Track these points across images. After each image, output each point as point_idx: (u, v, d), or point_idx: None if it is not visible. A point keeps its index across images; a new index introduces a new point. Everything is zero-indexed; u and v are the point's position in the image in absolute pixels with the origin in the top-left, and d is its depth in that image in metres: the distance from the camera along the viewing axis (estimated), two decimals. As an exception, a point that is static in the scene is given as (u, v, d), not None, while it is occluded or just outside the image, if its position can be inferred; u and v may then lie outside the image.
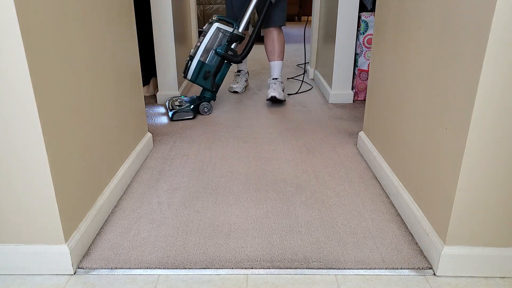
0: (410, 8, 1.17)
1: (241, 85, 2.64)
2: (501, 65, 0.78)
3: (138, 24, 1.54)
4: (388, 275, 0.97)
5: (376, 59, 1.51)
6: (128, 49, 1.41)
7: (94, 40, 1.11)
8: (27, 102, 0.81)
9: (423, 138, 1.07)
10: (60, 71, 0.92)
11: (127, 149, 1.41)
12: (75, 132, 0.99)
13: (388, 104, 1.35)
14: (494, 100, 0.81)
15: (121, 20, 1.33)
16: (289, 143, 1.76)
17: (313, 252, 1.03)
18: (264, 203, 1.27)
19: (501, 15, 0.75)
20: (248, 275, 0.96)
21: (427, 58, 1.05)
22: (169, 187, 1.37)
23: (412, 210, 1.11)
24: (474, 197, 0.89)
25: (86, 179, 1.06)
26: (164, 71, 2.35)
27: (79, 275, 0.97)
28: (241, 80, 2.66)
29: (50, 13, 0.88)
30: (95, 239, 1.08)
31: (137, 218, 1.18)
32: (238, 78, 2.67)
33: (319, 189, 1.36)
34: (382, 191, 1.35)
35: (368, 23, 2.25)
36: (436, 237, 0.97)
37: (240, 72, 2.68)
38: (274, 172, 1.49)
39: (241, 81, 2.65)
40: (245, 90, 2.68)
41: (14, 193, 0.89)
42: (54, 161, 0.89)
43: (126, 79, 1.39)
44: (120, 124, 1.33)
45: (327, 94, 2.46)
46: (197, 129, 1.94)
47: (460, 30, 0.88)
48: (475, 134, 0.84)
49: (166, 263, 0.99)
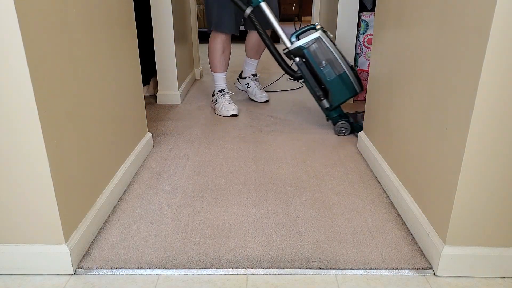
0: (410, 8, 1.17)
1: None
2: (501, 65, 0.78)
3: (138, 24, 1.54)
4: (388, 275, 0.97)
5: (376, 59, 1.51)
6: (128, 49, 1.41)
7: (94, 40, 1.11)
8: (27, 102, 0.81)
9: (423, 138, 1.07)
10: (60, 71, 0.92)
11: (127, 149, 1.41)
12: (75, 132, 0.99)
13: (388, 104, 1.35)
14: (494, 100, 0.81)
15: (121, 20, 1.33)
16: (289, 143, 1.76)
17: (313, 252, 1.03)
18: (264, 203, 1.27)
19: (501, 15, 0.75)
20: (248, 275, 0.96)
21: (427, 58, 1.05)
22: (169, 187, 1.37)
23: (412, 210, 1.11)
24: (474, 197, 0.89)
25: (86, 179, 1.06)
26: (164, 71, 2.34)
27: (79, 275, 0.97)
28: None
29: (50, 13, 0.88)
30: (95, 239, 1.08)
31: (137, 218, 1.18)
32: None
33: (319, 189, 1.36)
34: (382, 191, 1.35)
35: (368, 23, 2.25)
36: (436, 237, 0.97)
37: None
38: (274, 172, 1.48)
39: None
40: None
41: (14, 193, 0.89)
42: (54, 161, 0.89)
43: (126, 79, 1.39)
44: (120, 124, 1.33)
45: (327, 94, 2.46)
46: (197, 129, 1.94)
47: (460, 30, 0.88)
48: (475, 134, 0.84)
49: (166, 263, 0.99)
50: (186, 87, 2.63)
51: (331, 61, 1.82)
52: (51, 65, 0.88)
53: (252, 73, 2.43)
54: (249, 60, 2.40)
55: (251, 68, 2.42)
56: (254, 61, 2.40)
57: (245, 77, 2.46)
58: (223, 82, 2.24)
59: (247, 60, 2.41)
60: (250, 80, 2.44)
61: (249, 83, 2.44)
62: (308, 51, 1.81)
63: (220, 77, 2.23)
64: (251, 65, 2.41)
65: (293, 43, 1.83)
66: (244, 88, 2.50)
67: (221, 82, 2.24)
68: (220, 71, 2.22)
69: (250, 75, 2.44)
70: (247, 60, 2.41)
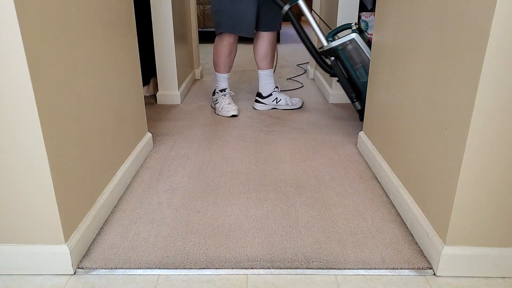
0: (410, 8, 1.17)
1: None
2: (501, 65, 0.78)
3: (138, 24, 1.54)
4: (388, 275, 0.97)
5: (376, 59, 1.51)
6: (128, 49, 1.41)
7: (94, 40, 1.11)
8: (27, 102, 0.81)
9: (423, 138, 1.07)
10: (60, 71, 0.92)
11: (127, 149, 1.41)
12: (75, 132, 0.99)
13: (388, 104, 1.35)
14: (494, 100, 0.81)
15: (121, 20, 1.33)
16: (289, 143, 1.76)
17: (313, 252, 1.03)
18: (264, 203, 1.27)
19: (501, 15, 0.75)
20: (248, 275, 0.96)
21: (427, 58, 1.05)
22: (169, 187, 1.37)
23: (412, 210, 1.11)
24: (474, 197, 0.89)
25: (86, 179, 1.06)
26: (164, 71, 2.34)
27: (79, 275, 0.97)
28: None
29: (50, 13, 0.88)
30: (95, 239, 1.08)
31: (137, 218, 1.18)
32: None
33: (319, 189, 1.36)
34: (382, 191, 1.35)
35: (368, 23, 2.25)
36: (436, 237, 0.97)
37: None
38: (274, 172, 1.48)
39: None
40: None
41: (14, 193, 0.89)
42: (54, 161, 0.89)
43: (126, 79, 1.39)
44: (120, 124, 1.33)
45: (327, 94, 2.46)
46: (197, 129, 1.94)
47: (460, 29, 0.88)
48: (475, 134, 0.84)
49: (166, 263, 0.99)
50: (186, 87, 2.63)
51: (365, 63, 1.80)
52: (51, 65, 0.88)
53: (275, 86, 2.24)
54: (265, 72, 2.20)
55: (271, 80, 2.21)
56: (271, 72, 2.20)
57: (270, 94, 2.23)
58: (225, 83, 2.20)
59: (264, 73, 2.20)
60: (278, 93, 2.24)
61: (278, 97, 2.24)
62: (343, 52, 1.80)
63: (223, 78, 2.18)
64: (270, 76, 2.20)
65: (329, 42, 1.81)
66: (273, 105, 2.25)
67: (223, 82, 2.19)
68: (224, 72, 2.17)
69: (274, 89, 2.23)
70: (264, 73, 2.20)
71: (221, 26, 2.02)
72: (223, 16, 1.99)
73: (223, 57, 2.12)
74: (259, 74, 2.23)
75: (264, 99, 2.23)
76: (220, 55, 2.12)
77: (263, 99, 2.25)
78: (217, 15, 2.02)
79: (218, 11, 2.00)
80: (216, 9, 2.02)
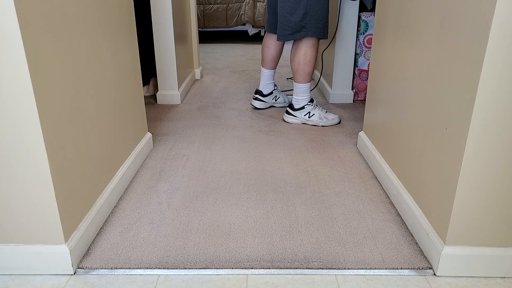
0: (410, 7, 1.17)
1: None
2: (501, 65, 0.78)
3: (138, 24, 1.54)
4: (388, 275, 0.97)
5: (376, 59, 1.51)
6: (128, 49, 1.41)
7: (94, 40, 1.11)
8: (27, 102, 0.81)
9: (423, 138, 1.07)
10: (60, 71, 0.92)
11: (127, 149, 1.41)
12: (75, 132, 0.99)
13: (388, 104, 1.35)
14: (494, 100, 0.81)
15: (121, 20, 1.33)
16: (289, 143, 1.76)
17: (313, 252, 1.03)
18: (264, 203, 1.27)
19: (501, 15, 0.75)
20: (248, 275, 0.96)
21: (427, 57, 1.05)
22: (169, 187, 1.37)
23: (412, 210, 1.11)
24: (474, 197, 0.89)
25: (86, 179, 1.06)
26: (164, 71, 2.35)
27: (79, 275, 0.97)
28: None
29: (50, 13, 0.88)
30: (95, 239, 1.08)
31: (137, 218, 1.18)
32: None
33: (319, 189, 1.36)
34: (382, 191, 1.35)
35: (368, 23, 2.25)
36: (436, 237, 0.97)
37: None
38: (274, 172, 1.49)
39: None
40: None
41: (14, 193, 0.89)
42: (54, 161, 0.89)
43: (126, 79, 1.39)
44: (120, 124, 1.33)
45: (327, 94, 2.46)
46: (197, 129, 1.94)
47: (460, 29, 0.88)
48: (475, 134, 0.84)
49: (166, 263, 0.99)
50: (186, 87, 2.63)
51: None
52: (51, 65, 0.88)
53: (274, 84, 2.26)
54: (269, 72, 2.20)
55: (271, 79, 2.22)
56: (273, 72, 2.22)
57: (270, 92, 2.24)
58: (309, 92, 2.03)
59: (267, 73, 2.20)
60: (277, 91, 2.26)
61: (277, 95, 2.26)
62: None
63: (308, 87, 2.00)
64: (271, 76, 2.22)
65: None
66: (272, 102, 2.27)
67: (309, 92, 2.00)
68: (310, 80, 2.00)
69: (274, 87, 2.25)
70: (267, 73, 2.20)
71: (319, 30, 1.88)
72: (319, 18, 1.86)
73: (314, 63, 1.97)
74: (263, 73, 2.20)
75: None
76: (313, 63, 1.95)
77: (264, 97, 2.23)
78: (312, 18, 1.86)
79: (314, 12, 1.85)
80: (311, 10, 1.85)
